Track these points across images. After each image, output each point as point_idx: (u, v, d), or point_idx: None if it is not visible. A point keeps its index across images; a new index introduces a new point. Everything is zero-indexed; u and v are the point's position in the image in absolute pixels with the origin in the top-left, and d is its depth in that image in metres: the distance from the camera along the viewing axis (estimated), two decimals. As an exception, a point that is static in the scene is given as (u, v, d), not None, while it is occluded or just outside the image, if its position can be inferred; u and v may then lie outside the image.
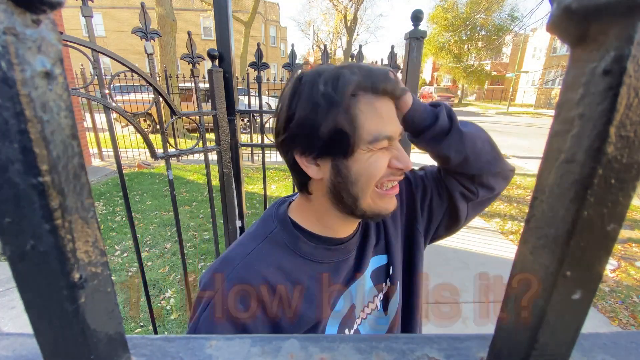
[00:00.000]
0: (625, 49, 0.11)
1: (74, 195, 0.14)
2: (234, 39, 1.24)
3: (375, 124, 0.47)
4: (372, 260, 0.61)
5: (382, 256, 0.63)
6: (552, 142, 0.14)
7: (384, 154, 0.49)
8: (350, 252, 0.58)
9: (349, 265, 0.57)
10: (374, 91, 0.46)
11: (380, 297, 0.62)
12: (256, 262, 0.51)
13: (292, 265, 0.53)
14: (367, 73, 0.46)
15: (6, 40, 0.11)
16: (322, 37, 38.05)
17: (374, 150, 0.48)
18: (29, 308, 0.15)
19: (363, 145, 0.47)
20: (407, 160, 0.50)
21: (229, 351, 0.21)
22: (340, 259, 0.56)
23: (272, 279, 0.50)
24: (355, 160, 0.48)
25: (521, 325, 0.17)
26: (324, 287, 0.54)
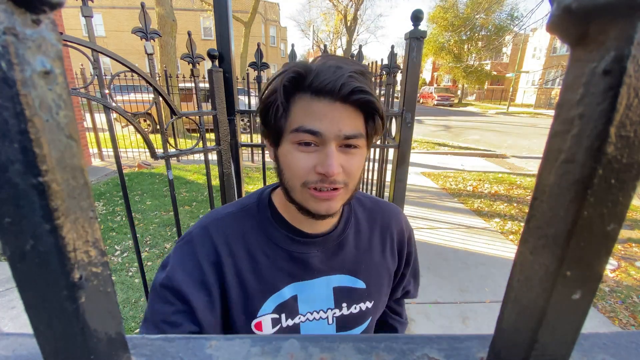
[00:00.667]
0: (625, 49, 0.11)
1: (74, 195, 0.14)
2: (234, 39, 1.24)
3: (303, 118, 0.48)
4: (341, 277, 0.61)
5: (355, 280, 0.62)
6: (552, 142, 0.14)
7: (309, 155, 0.49)
8: (310, 249, 0.59)
9: (305, 261, 0.58)
10: (311, 91, 0.47)
11: (335, 313, 0.61)
12: (226, 224, 0.58)
13: (254, 238, 0.58)
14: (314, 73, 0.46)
15: (6, 40, 0.11)
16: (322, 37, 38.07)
17: (297, 144, 0.49)
18: (29, 308, 0.15)
19: (287, 136, 0.50)
20: (328, 166, 0.47)
21: (229, 351, 0.21)
22: (299, 251, 0.58)
23: (232, 243, 0.57)
24: (282, 151, 0.52)
25: (521, 325, 0.17)
26: (273, 268, 0.57)
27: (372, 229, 0.66)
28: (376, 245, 0.65)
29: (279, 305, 0.57)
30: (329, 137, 0.47)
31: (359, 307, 0.63)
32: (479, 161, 6.99)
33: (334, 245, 0.61)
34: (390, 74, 1.62)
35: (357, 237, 0.64)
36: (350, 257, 0.62)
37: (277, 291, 0.57)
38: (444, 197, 4.65)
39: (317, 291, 0.60)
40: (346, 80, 0.45)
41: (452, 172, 6.00)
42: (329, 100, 0.46)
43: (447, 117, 17.00)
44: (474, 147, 8.30)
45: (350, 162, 0.50)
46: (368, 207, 0.68)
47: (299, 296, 0.59)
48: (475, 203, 4.40)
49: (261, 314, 0.56)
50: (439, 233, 3.45)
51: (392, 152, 1.72)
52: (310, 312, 0.60)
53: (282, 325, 0.58)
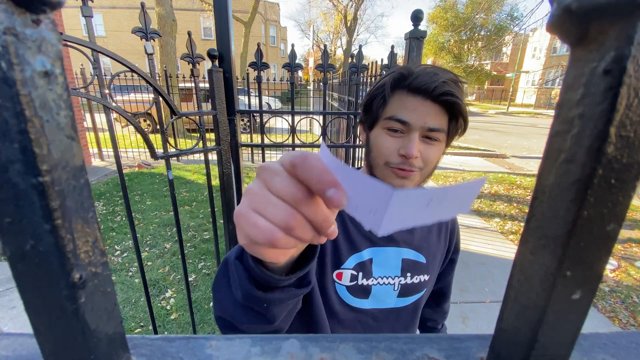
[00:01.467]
0: (625, 49, 0.11)
1: (74, 195, 0.14)
2: (234, 39, 1.24)
3: (396, 109, 0.58)
4: (409, 251, 0.71)
5: (419, 254, 0.72)
6: (552, 142, 0.14)
7: (396, 139, 0.58)
8: None
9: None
10: (408, 89, 0.57)
11: (400, 281, 0.70)
12: None
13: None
14: (415, 75, 0.56)
15: (6, 40, 0.11)
16: (322, 37, 38.06)
17: (387, 130, 0.59)
18: (29, 308, 0.15)
19: (380, 121, 0.60)
20: (409, 149, 0.56)
21: (229, 351, 0.21)
22: None
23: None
24: (373, 133, 0.62)
25: (521, 325, 0.17)
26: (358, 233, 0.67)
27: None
28: (435, 229, 0.75)
29: (359, 264, 0.66)
30: (414, 126, 0.56)
31: (419, 279, 0.72)
32: (479, 161, 6.99)
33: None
34: (390, 74, 1.62)
35: None
36: (417, 236, 0.72)
37: (358, 251, 0.66)
38: (444, 197, 4.65)
39: (388, 258, 0.69)
40: (440, 84, 0.54)
41: (452, 172, 6.00)
42: (422, 98, 0.56)
43: (447, 117, 16.94)
44: (474, 147, 8.30)
45: (428, 151, 0.59)
46: None
47: (374, 259, 0.68)
48: (475, 203, 4.40)
49: (344, 267, 0.66)
50: (439, 233, 3.44)
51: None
52: (381, 277, 0.69)
53: (357, 282, 0.67)
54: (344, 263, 0.66)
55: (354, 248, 0.67)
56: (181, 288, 2.48)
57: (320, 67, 1.37)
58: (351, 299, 0.67)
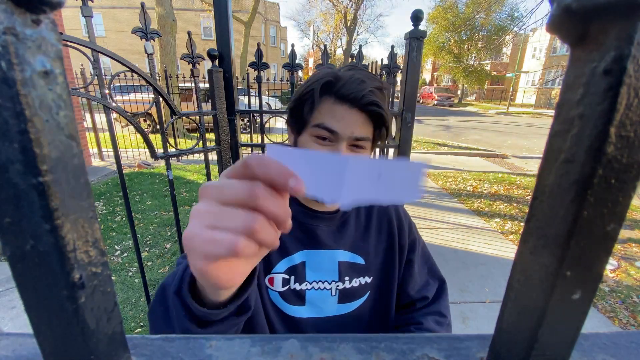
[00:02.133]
0: (625, 49, 0.11)
1: (74, 195, 0.14)
2: (234, 39, 1.24)
3: (324, 117, 0.57)
4: (342, 253, 0.69)
5: (355, 255, 0.70)
6: (552, 142, 0.14)
7: (323, 147, 0.58)
8: (318, 223, 0.67)
9: (314, 232, 0.67)
10: (336, 96, 0.57)
11: (338, 286, 0.68)
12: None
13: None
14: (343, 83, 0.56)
15: (6, 40, 0.11)
16: (322, 37, 38.07)
17: (316, 138, 0.58)
18: (29, 308, 0.15)
19: (309, 128, 0.59)
20: None
21: (229, 351, 0.21)
22: (309, 223, 0.67)
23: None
24: (301, 139, 0.61)
25: (521, 325, 0.17)
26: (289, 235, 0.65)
27: (370, 214, 0.74)
28: (373, 227, 0.73)
29: (290, 267, 0.65)
30: (342, 136, 0.57)
31: (358, 282, 0.70)
32: (479, 161, 6.99)
33: (338, 223, 0.70)
34: (390, 74, 1.62)
35: (357, 220, 0.72)
36: (351, 236, 0.70)
37: (289, 255, 0.65)
38: (444, 197, 4.65)
39: (323, 262, 0.67)
40: (367, 94, 0.55)
41: (452, 172, 6.00)
42: (349, 106, 0.56)
43: (447, 117, 17.00)
44: (474, 147, 8.30)
45: None
46: None
47: (307, 263, 0.66)
48: (475, 203, 4.40)
49: (275, 271, 0.65)
50: (439, 233, 3.45)
51: (392, 152, 1.72)
52: (316, 281, 0.67)
53: (290, 287, 0.66)
54: (274, 267, 0.64)
55: (284, 251, 0.65)
56: (181, 288, 2.48)
57: (321, 66, 1.37)
58: (286, 307, 0.65)
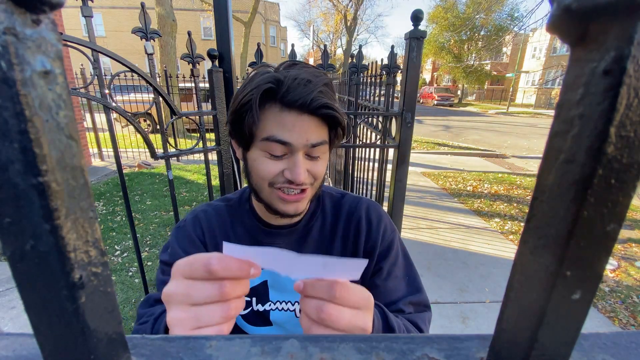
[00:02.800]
0: (625, 49, 0.11)
1: (74, 195, 0.14)
2: (234, 39, 1.24)
3: (273, 128, 0.51)
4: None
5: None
6: (552, 142, 0.14)
7: (278, 161, 0.53)
8: (274, 240, 0.64)
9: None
10: (282, 103, 0.50)
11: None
12: (211, 214, 0.66)
13: (232, 227, 0.66)
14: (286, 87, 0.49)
15: (6, 40, 0.11)
16: (322, 37, 38.07)
17: (267, 152, 0.53)
18: (29, 308, 0.15)
19: (257, 142, 0.53)
20: (296, 174, 0.51)
21: (229, 351, 0.21)
22: (265, 241, 0.64)
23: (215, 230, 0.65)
24: (251, 155, 0.55)
25: (521, 325, 0.17)
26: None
27: (337, 219, 0.67)
28: (338, 238, 0.65)
29: (251, 289, 0.62)
30: (297, 146, 0.51)
31: None
32: (479, 161, 6.99)
33: (297, 237, 0.65)
34: (390, 74, 1.62)
35: (322, 229, 0.66)
36: (313, 249, 0.65)
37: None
38: (444, 197, 4.65)
39: (285, 282, 0.63)
40: (315, 96, 0.49)
41: (452, 172, 6.00)
42: (298, 112, 0.50)
43: (447, 117, 17.00)
44: (474, 147, 8.30)
45: (315, 167, 0.55)
46: (336, 201, 0.69)
47: (269, 282, 0.63)
48: (475, 203, 4.40)
49: None
50: (439, 233, 3.45)
51: (392, 152, 1.72)
52: (279, 302, 0.64)
53: (252, 309, 0.63)
54: None
55: None
56: (181, 288, 2.48)
57: (320, 67, 1.37)
58: (251, 329, 0.63)
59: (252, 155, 0.55)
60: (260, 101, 0.50)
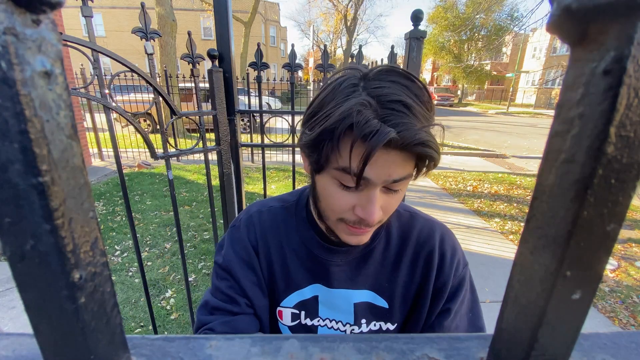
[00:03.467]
0: (625, 49, 0.11)
1: (74, 195, 0.14)
2: (234, 39, 1.24)
3: (352, 159, 0.41)
4: (363, 293, 0.59)
5: (377, 297, 0.59)
6: (552, 142, 0.14)
7: (350, 195, 0.45)
8: (333, 257, 0.58)
9: (327, 269, 0.58)
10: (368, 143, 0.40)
11: (354, 330, 0.59)
12: (266, 217, 0.63)
13: (287, 234, 0.61)
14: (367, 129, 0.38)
15: (6, 40, 0.11)
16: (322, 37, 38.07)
17: (339, 182, 0.45)
18: (29, 308, 0.15)
19: (331, 169, 0.45)
20: (369, 214, 0.44)
21: (229, 351, 0.21)
22: (323, 256, 0.59)
23: (268, 235, 0.61)
24: (321, 179, 0.48)
25: (521, 325, 0.17)
26: (299, 266, 0.59)
27: (404, 247, 0.59)
28: (405, 265, 0.58)
29: (300, 302, 0.60)
30: (376, 182, 0.43)
31: (379, 325, 0.59)
32: (479, 161, 6.98)
33: (357, 257, 0.58)
34: (390, 74, 1.62)
35: (386, 252, 0.59)
36: (374, 272, 0.58)
37: (300, 288, 0.60)
38: (444, 197, 4.65)
39: (337, 302, 0.59)
40: (417, 132, 0.40)
41: (452, 172, 6.00)
42: (385, 149, 0.40)
43: (447, 117, 17.00)
44: (474, 147, 8.30)
45: (391, 203, 0.47)
46: (405, 222, 0.61)
47: (320, 298, 0.59)
48: (475, 203, 4.40)
49: (284, 304, 0.60)
50: (439, 233, 3.44)
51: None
52: (329, 319, 0.60)
53: (300, 322, 0.61)
54: (283, 300, 0.60)
55: (294, 284, 0.59)
56: (181, 288, 2.48)
57: (320, 67, 1.37)
58: None
59: (323, 180, 0.47)
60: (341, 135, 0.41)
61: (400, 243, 0.60)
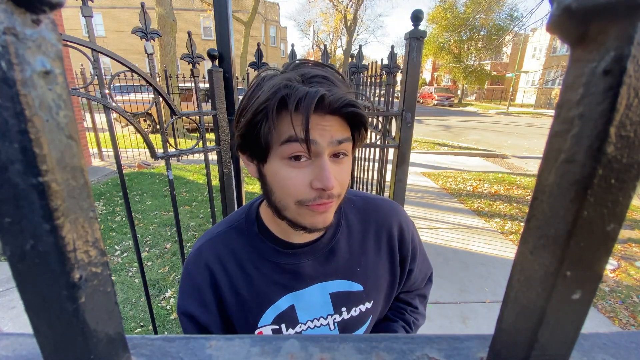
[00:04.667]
0: (625, 49, 0.11)
1: (74, 195, 0.14)
2: (234, 39, 1.24)
3: (293, 129, 0.44)
4: (336, 282, 0.61)
5: (352, 283, 0.61)
6: (552, 142, 0.14)
7: (302, 171, 0.47)
8: (299, 260, 0.59)
9: (296, 272, 0.59)
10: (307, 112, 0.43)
11: (335, 319, 0.61)
12: (217, 244, 0.60)
13: (244, 254, 0.59)
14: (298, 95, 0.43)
15: (6, 40, 0.11)
16: (322, 37, 38.07)
17: (288, 160, 0.46)
18: (29, 308, 0.15)
19: (276, 150, 0.46)
20: (326, 179, 0.45)
21: (229, 351, 0.21)
22: (288, 263, 0.58)
23: (225, 261, 0.58)
24: (270, 168, 0.48)
25: (521, 325, 0.17)
26: (266, 281, 0.58)
27: (366, 230, 0.64)
28: (371, 246, 0.63)
29: (277, 316, 0.58)
30: (322, 145, 0.45)
31: (358, 310, 0.62)
32: (479, 161, 6.99)
33: (324, 253, 0.60)
34: (390, 74, 1.62)
35: (350, 241, 0.62)
36: (343, 262, 0.61)
37: (273, 303, 0.58)
38: (444, 197, 4.65)
39: (313, 299, 0.59)
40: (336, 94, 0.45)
41: (452, 172, 6.00)
42: (319, 113, 0.45)
43: (447, 117, 17.01)
44: (474, 147, 8.31)
45: (341, 173, 0.50)
46: (360, 207, 0.66)
47: (296, 305, 0.59)
48: (475, 203, 4.40)
49: (261, 324, 0.58)
50: (439, 233, 3.45)
51: (392, 152, 1.72)
52: (310, 320, 0.60)
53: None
54: (259, 321, 0.58)
55: (266, 302, 0.58)
56: (181, 288, 2.48)
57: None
58: None
59: (272, 168, 0.48)
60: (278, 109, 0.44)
61: (362, 228, 0.64)
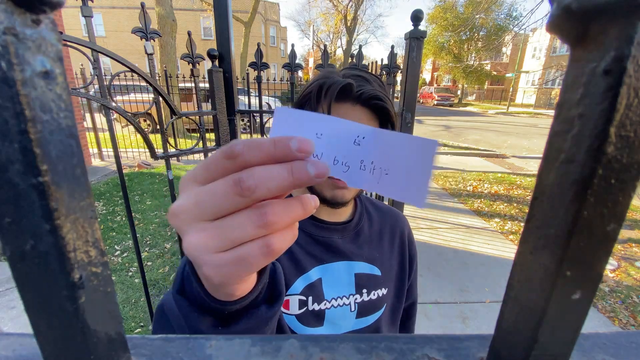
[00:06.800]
0: (625, 49, 0.11)
1: (74, 195, 0.14)
2: (234, 39, 1.24)
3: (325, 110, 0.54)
4: (361, 264, 0.67)
5: (373, 267, 0.68)
6: (552, 142, 0.14)
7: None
8: (332, 234, 0.66)
9: (328, 244, 0.65)
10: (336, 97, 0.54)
11: (356, 299, 0.65)
12: None
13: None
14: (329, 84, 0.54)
15: (6, 40, 0.11)
16: (322, 37, 38.05)
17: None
18: (29, 308, 0.15)
19: None
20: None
21: (229, 351, 0.21)
22: (322, 235, 0.65)
23: None
24: None
25: (521, 325, 0.17)
26: (302, 252, 0.63)
27: (383, 225, 0.73)
28: (387, 239, 0.72)
29: (307, 286, 0.62)
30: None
31: (376, 294, 0.67)
32: (479, 161, 6.98)
33: (352, 234, 0.68)
34: (390, 74, 1.63)
35: (371, 229, 0.71)
36: (367, 246, 0.68)
37: (304, 272, 0.62)
38: (444, 197, 4.65)
39: (340, 275, 0.64)
40: (367, 88, 0.54)
41: (452, 172, 6.00)
42: (351, 104, 0.54)
43: (447, 117, 17.01)
44: (474, 147, 8.30)
45: None
46: (379, 207, 0.77)
47: (323, 279, 0.63)
48: (475, 203, 4.40)
49: (290, 292, 0.61)
50: (439, 233, 3.45)
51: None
52: (334, 298, 0.64)
53: (307, 308, 0.62)
54: (289, 288, 0.60)
55: (299, 269, 0.61)
56: (181, 288, 2.48)
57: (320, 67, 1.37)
58: (303, 329, 0.61)
59: None
60: (317, 96, 0.54)
61: (380, 220, 0.74)
